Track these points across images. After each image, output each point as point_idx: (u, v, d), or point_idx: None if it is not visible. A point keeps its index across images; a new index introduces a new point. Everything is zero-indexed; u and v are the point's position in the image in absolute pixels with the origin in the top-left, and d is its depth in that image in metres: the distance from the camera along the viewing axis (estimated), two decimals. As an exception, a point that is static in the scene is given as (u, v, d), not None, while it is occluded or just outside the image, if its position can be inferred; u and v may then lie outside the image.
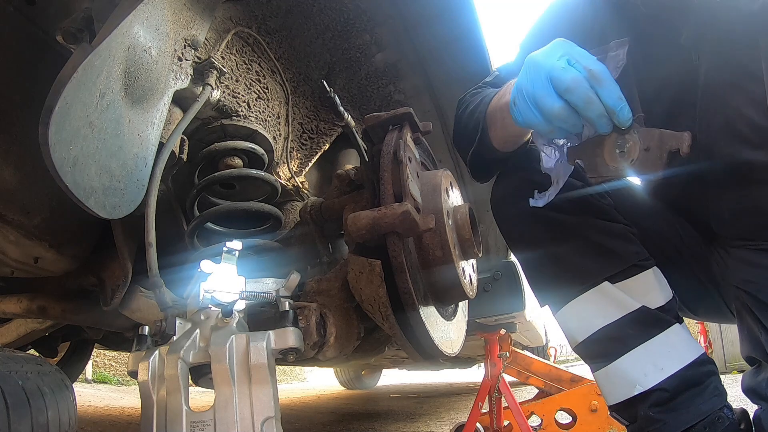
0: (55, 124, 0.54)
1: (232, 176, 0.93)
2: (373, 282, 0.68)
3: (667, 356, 0.74)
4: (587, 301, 0.77)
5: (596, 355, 0.79)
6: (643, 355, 0.74)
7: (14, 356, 0.62)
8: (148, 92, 0.71)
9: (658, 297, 0.77)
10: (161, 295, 0.71)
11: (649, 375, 0.73)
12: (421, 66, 1.09)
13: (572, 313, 0.79)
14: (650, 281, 0.77)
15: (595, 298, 0.77)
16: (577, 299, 0.78)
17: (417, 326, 0.72)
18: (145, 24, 0.68)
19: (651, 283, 0.77)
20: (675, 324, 0.76)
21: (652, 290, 0.77)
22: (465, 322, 0.99)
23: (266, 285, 0.75)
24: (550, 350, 4.74)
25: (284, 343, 0.66)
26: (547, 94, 0.62)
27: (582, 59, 0.62)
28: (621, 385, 0.76)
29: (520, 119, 0.67)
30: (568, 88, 0.61)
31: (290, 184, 1.08)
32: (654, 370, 0.73)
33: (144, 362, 0.64)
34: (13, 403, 0.53)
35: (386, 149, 0.75)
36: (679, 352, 0.74)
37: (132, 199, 0.70)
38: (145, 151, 0.72)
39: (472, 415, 1.64)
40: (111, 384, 4.14)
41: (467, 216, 0.83)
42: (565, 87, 0.61)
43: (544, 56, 0.64)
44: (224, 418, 0.60)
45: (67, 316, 1.17)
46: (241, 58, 0.93)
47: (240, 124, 0.93)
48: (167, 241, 0.85)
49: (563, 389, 1.77)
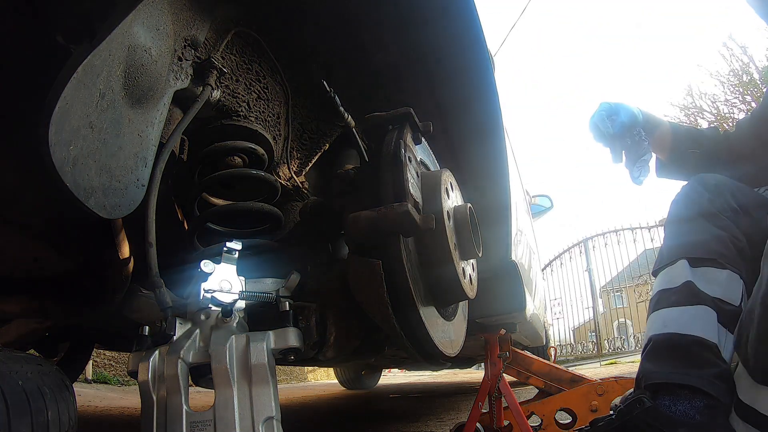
0: (55, 124, 0.54)
1: (232, 176, 0.93)
2: (373, 282, 0.68)
3: (675, 320, 0.87)
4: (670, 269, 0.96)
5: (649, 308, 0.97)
6: (664, 314, 0.90)
7: (14, 356, 0.62)
8: (148, 92, 0.71)
9: (719, 292, 0.88)
10: (161, 295, 0.71)
11: (653, 329, 0.89)
12: (421, 66, 1.09)
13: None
14: (721, 279, 0.89)
15: (673, 269, 0.94)
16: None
17: (417, 326, 0.72)
18: (145, 24, 0.68)
19: (721, 280, 0.89)
20: (704, 307, 0.86)
21: (717, 285, 0.88)
22: (465, 322, 0.99)
23: (266, 285, 0.75)
24: (550, 350, 4.73)
25: (284, 343, 0.66)
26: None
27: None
28: (646, 335, 0.92)
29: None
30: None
31: (290, 184, 1.08)
32: (661, 326, 0.88)
33: (144, 362, 0.64)
34: (13, 403, 0.53)
35: (386, 149, 0.75)
36: (686, 322, 0.85)
37: (132, 199, 0.70)
38: (145, 151, 0.72)
39: (472, 415, 1.64)
40: (111, 384, 4.14)
41: (467, 216, 0.83)
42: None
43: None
44: (224, 418, 0.60)
45: (67, 316, 1.17)
46: (241, 58, 0.93)
47: (240, 124, 0.93)
48: (167, 241, 0.85)
49: (563, 389, 1.77)
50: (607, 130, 1.23)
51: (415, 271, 0.75)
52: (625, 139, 1.24)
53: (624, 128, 1.22)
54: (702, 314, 0.86)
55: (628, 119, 1.22)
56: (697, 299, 0.87)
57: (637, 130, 1.23)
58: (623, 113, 1.23)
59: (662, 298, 0.93)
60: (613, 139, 1.24)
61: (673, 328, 0.86)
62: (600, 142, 1.27)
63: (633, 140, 1.23)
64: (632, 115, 1.23)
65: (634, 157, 1.23)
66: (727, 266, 0.89)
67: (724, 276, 0.88)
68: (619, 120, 1.23)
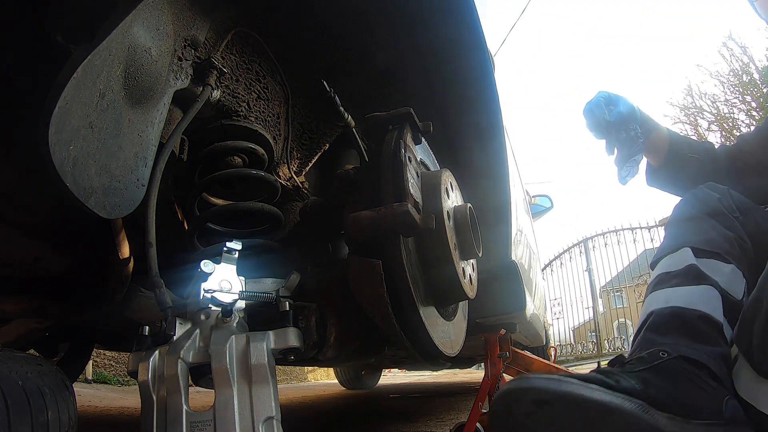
0: (55, 124, 0.54)
1: (232, 176, 0.93)
2: (373, 282, 0.68)
3: (679, 297, 0.84)
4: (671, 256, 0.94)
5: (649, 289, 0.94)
6: (667, 292, 0.87)
7: (14, 356, 0.62)
8: (148, 92, 0.71)
9: (723, 282, 0.85)
10: (161, 295, 0.70)
11: (654, 305, 0.86)
12: (421, 66, 1.09)
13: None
14: (725, 270, 0.87)
15: (675, 256, 0.92)
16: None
17: (417, 326, 0.72)
18: (145, 24, 0.68)
19: (725, 272, 0.87)
20: (709, 287, 0.84)
21: (722, 275, 0.86)
22: (465, 322, 0.99)
23: (266, 285, 0.75)
24: (550, 350, 4.73)
25: (284, 343, 0.66)
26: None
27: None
28: (645, 312, 0.89)
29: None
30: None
31: (290, 184, 1.08)
32: (663, 302, 0.85)
33: (144, 362, 0.64)
34: (13, 403, 0.53)
35: (386, 149, 0.75)
36: (691, 298, 0.83)
37: (132, 199, 0.70)
38: (145, 151, 0.72)
39: (472, 415, 1.64)
40: (111, 384, 4.14)
41: (467, 216, 0.83)
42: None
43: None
44: (224, 418, 0.60)
45: (67, 316, 1.17)
46: (241, 58, 0.93)
47: (240, 124, 0.93)
48: (167, 241, 0.85)
49: (563, 389, 1.76)
50: (603, 116, 1.16)
51: (415, 271, 0.74)
52: (620, 131, 1.18)
53: (621, 118, 1.16)
54: (709, 293, 0.83)
55: (627, 111, 1.17)
56: (702, 280, 0.84)
57: (633, 126, 1.18)
58: (622, 104, 1.18)
59: (663, 280, 0.90)
60: (608, 128, 1.18)
61: (679, 303, 0.82)
62: (593, 131, 1.20)
63: (628, 135, 1.18)
64: (631, 108, 1.18)
65: (625, 155, 1.18)
66: (732, 261, 0.87)
67: (728, 269, 0.86)
68: (617, 110, 1.17)
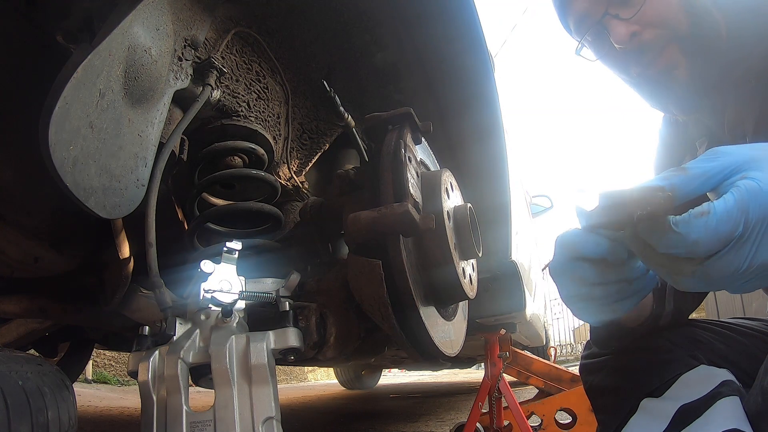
0: (55, 124, 0.54)
1: (232, 176, 0.93)
2: (373, 282, 0.68)
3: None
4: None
5: None
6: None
7: (14, 356, 0.62)
8: (148, 92, 0.71)
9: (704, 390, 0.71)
10: (161, 295, 0.70)
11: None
12: (421, 66, 1.09)
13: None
14: (690, 381, 0.73)
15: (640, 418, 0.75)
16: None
17: (417, 326, 0.72)
18: (145, 24, 0.68)
19: (691, 382, 0.73)
20: (723, 399, 0.70)
21: (692, 387, 0.72)
22: (465, 322, 0.99)
23: (266, 285, 0.75)
24: (550, 350, 4.73)
25: (284, 343, 0.66)
26: None
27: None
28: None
29: None
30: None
31: (290, 184, 1.08)
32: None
33: (144, 362, 0.64)
34: (13, 403, 0.53)
35: (386, 149, 0.75)
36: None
37: (132, 199, 0.70)
38: (145, 151, 0.72)
39: (472, 415, 1.64)
40: (111, 384, 4.14)
41: (467, 216, 0.83)
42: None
43: None
44: (224, 418, 0.60)
45: (67, 316, 1.17)
46: (241, 58, 0.93)
47: (240, 124, 0.93)
48: (167, 241, 0.85)
49: (563, 389, 1.77)
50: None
51: (415, 271, 0.74)
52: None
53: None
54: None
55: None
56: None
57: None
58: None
59: None
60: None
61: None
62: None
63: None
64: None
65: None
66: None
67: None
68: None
